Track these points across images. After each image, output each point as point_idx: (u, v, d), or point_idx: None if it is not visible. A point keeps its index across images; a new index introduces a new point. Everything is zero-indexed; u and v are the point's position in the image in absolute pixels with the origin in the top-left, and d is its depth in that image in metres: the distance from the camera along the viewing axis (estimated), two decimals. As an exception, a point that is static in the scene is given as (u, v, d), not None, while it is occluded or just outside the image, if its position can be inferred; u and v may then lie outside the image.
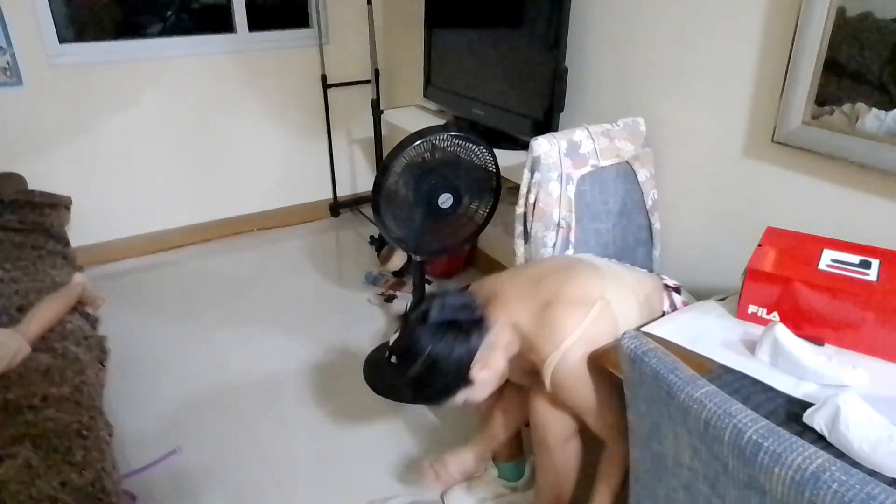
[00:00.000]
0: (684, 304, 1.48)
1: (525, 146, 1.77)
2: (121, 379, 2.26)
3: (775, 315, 1.24)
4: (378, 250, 3.08)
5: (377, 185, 1.90)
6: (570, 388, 1.27)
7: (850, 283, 1.17)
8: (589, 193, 1.76)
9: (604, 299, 1.30)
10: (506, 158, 2.10)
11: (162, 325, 2.65)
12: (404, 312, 1.30)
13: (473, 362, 1.24)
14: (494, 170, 2.00)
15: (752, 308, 1.27)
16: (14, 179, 2.75)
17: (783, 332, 1.13)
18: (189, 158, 3.26)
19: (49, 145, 2.90)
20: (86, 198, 3.01)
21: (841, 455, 0.90)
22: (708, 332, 1.25)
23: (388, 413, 2.14)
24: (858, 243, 1.32)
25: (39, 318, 1.77)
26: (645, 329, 1.27)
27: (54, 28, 2.77)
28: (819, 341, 1.20)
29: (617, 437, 1.30)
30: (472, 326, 1.25)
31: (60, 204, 2.74)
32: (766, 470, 0.76)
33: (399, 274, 2.97)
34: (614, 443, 1.32)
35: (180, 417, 2.12)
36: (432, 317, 1.23)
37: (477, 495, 1.74)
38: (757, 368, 1.13)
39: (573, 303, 1.29)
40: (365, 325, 2.64)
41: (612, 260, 1.62)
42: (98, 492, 1.34)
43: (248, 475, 1.88)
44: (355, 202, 3.82)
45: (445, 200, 1.93)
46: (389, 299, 2.83)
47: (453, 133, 1.92)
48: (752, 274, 1.25)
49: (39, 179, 2.83)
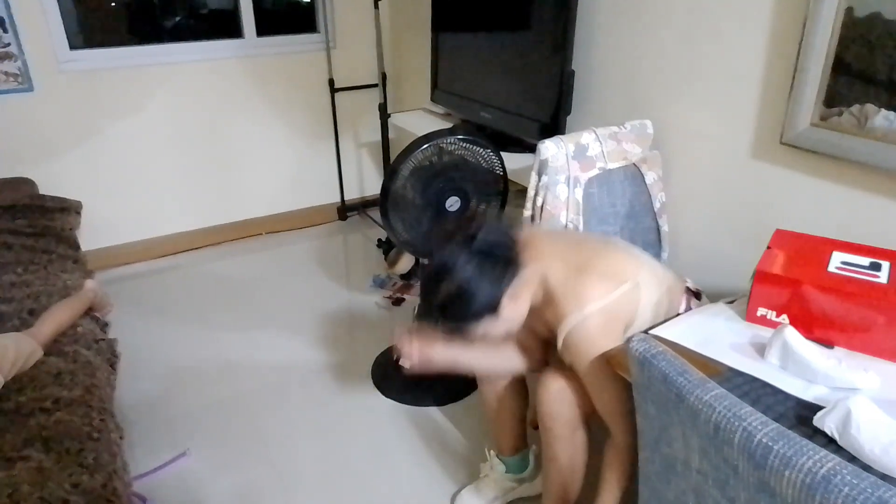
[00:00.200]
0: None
1: (532, 149, 1.77)
2: (131, 382, 2.28)
3: (785, 318, 1.24)
4: (386, 253, 3.09)
5: (385, 189, 1.91)
6: (582, 354, 1.28)
7: (861, 286, 1.16)
8: (596, 196, 1.76)
9: (634, 281, 1.33)
10: (513, 161, 2.10)
11: (171, 329, 2.67)
12: (447, 231, 1.29)
13: (504, 294, 1.26)
14: (502, 173, 2.00)
15: (762, 311, 1.26)
16: (25, 184, 2.78)
17: (793, 335, 1.12)
18: (198, 162, 3.28)
19: (59, 150, 2.93)
20: (96, 202, 3.04)
21: (852, 458, 0.90)
22: (717, 335, 1.25)
23: (396, 416, 2.14)
24: (868, 245, 1.31)
25: (51, 323, 1.79)
26: (654, 332, 1.27)
27: (65, 34, 2.80)
28: (829, 344, 1.19)
29: (619, 422, 1.31)
30: (510, 261, 1.27)
31: (71, 208, 2.76)
32: (777, 473, 0.75)
33: (407, 277, 2.98)
34: (616, 427, 1.32)
35: (190, 420, 2.13)
36: (478, 240, 1.24)
37: (486, 496, 1.74)
38: (767, 371, 1.12)
39: (606, 274, 1.31)
40: (372, 328, 2.65)
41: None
42: (109, 494, 1.35)
43: (258, 477, 1.89)
44: (363, 205, 3.83)
45: (453, 203, 1.93)
46: (397, 302, 2.84)
47: (460, 136, 1.92)
48: (762, 276, 1.24)
49: (50, 184, 2.86)
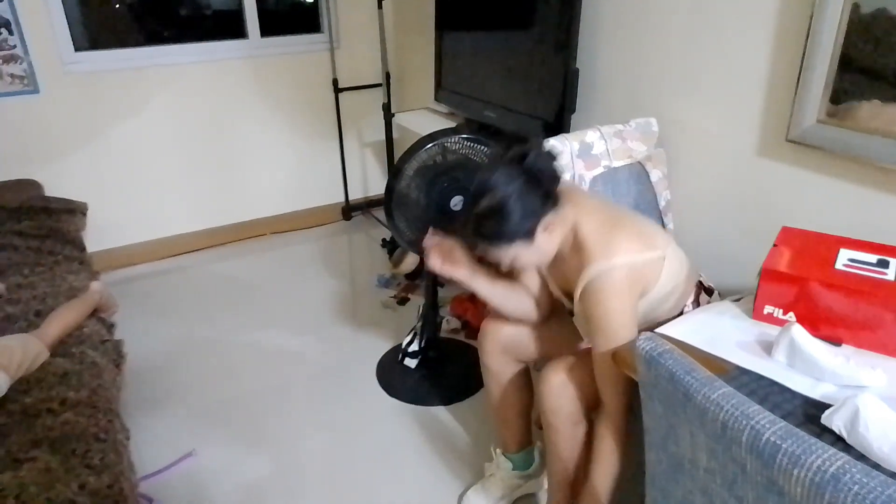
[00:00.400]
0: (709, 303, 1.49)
1: (537, 148, 1.77)
2: (137, 382, 2.28)
3: (792, 315, 1.23)
4: (390, 253, 3.09)
5: (389, 189, 1.91)
6: (598, 304, 1.27)
7: (868, 283, 1.15)
8: (601, 194, 1.76)
9: (662, 252, 1.34)
10: (517, 160, 2.10)
11: (177, 329, 2.67)
12: (500, 150, 1.28)
13: (540, 222, 1.26)
14: (506, 172, 2.00)
15: (768, 308, 1.26)
16: (31, 186, 2.79)
17: (800, 333, 1.12)
18: (202, 163, 3.29)
19: (65, 152, 2.94)
20: (101, 203, 3.05)
21: (861, 457, 0.89)
22: (724, 333, 1.24)
23: (402, 416, 2.14)
24: (876, 242, 1.30)
25: (57, 324, 1.80)
26: (660, 330, 1.26)
27: (70, 36, 2.81)
28: (836, 342, 1.18)
29: (615, 384, 1.29)
30: (550, 192, 1.27)
31: (76, 210, 2.77)
32: (785, 472, 0.75)
33: (411, 277, 2.98)
34: (611, 390, 1.30)
35: (196, 420, 2.13)
36: (527, 161, 1.23)
37: (493, 495, 1.74)
38: (774, 369, 1.12)
39: (639, 235, 1.33)
40: (377, 328, 2.65)
41: None
42: (115, 494, 1.35)
43: (264, 477, 1.89)
44: (367, 205, 3.83)
45: (457, 202, 1.93)
46: (402, 302, 2.84)
47: (465, 136, 1.92)
48: (768, 274, 1.23)
49: (55, 186, 2.87)
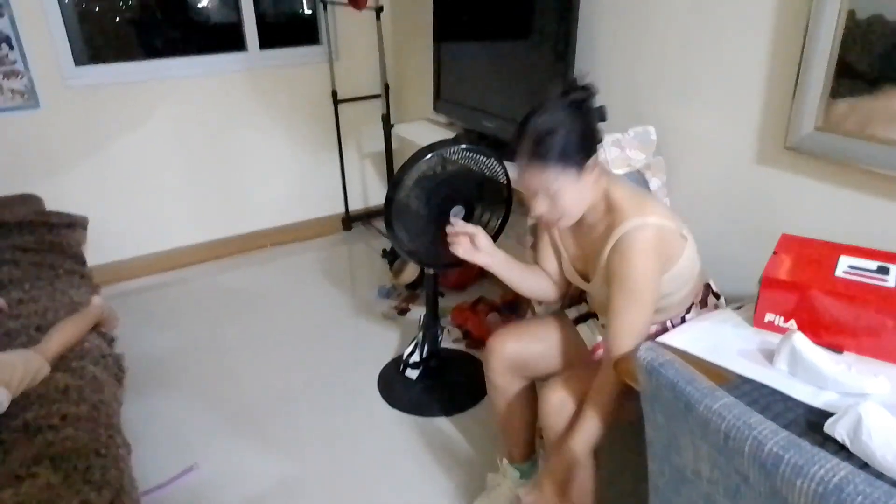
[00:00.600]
0: (715, 308, 1.50)
1: (535, 157, 1.77)
2: (138, 396, 2.28)
3: (793, 323, 1.23)
4: (391, 263, 3.09)
5: (389, 200, 1.91)
6: (628, 261, 1.28)
7: (869, 290, 1.15)
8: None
9: (686, 235, 1.38)
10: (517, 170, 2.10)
11: (177, 342, 2.67)
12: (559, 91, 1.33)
13: (589, 160, 1.30)
14: (506, 181, 2.00)
15: (769, 316, 1.26)
16: (31, 200, 2.79)
17: (801, 341, 1.11)
18: (202, 176, 3.29)
19: (65, 166, 2.95)
20: (102, 217, 3.05)
21: (864, 466, 0.89)
22: (725, 342, 1.24)
23: (404, 427, 2.13)
24: (876, 249, 1.30)
25: (58, 339, 1.79)
26: (661, 339, 1.26)
27: (70, 51, 2.83)
28: (838, 349, 1.18)
29: (622, 347, 1.30)
30: (598, 137, 1.32)
31: (77, 224, 2.77)
32: (788, 482, 0.75)
33: (412, 287, 2.97)
34: (613, 354, 1.31)
35: (197, 434, 2.13)
36: (588, 104, 1.29)
37: (498, 503, 1.74)
38: (776, 378, 1.11)
39: (667, 210, 1.35)
40: (379, 339, 2.65)
41: None
42: (117, 510, 1.35)
43: (266, 490, 1.88)
44: (367, 216, 3.83)
45: (457, 213, 1.93)
46: (403, 312, 2.84)
47: (464, 146, 1.92)
48: (768, 282, 1.23)
49: (56, 200, 2.87)
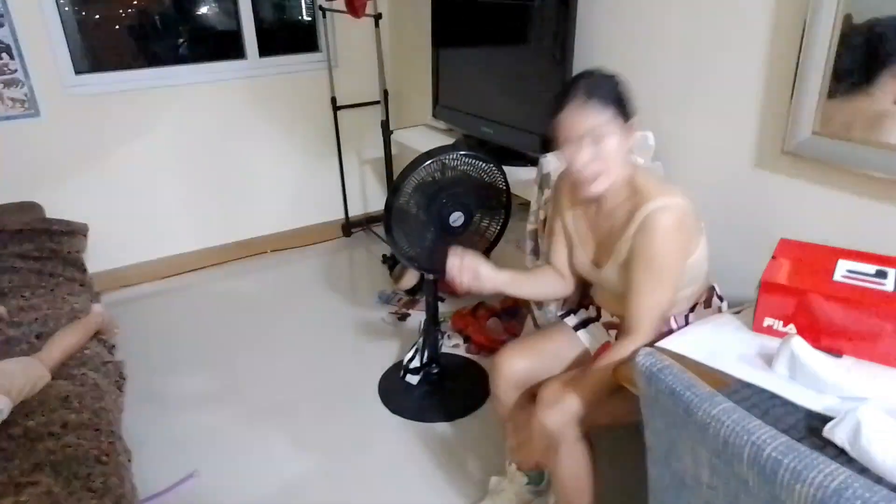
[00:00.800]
0: (718, 311, 1.52)
1: (534, 163, 1.78)
2: (138, 403, 2.27)
3: (792, 327, 1.23)
4: (391, 269, 3.09)
5: (388, 206, 1.91)
6: (655, 239, 1.30)
7: (867, 294, 1.16)
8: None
9: (703, 229, 1.41)
10: (516, 175, 2.11)
11: (178, 349, 2.67)
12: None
13: (632, 119, 1.33)
14: (504, 187, 2.01)
15: (768, 321, 1.26)
16: (32, 208, 2.80)
17: (800, 345, 1.12)
18: (203, 183, 3.30)
19: (66, 174, 2.95)
20: (102, 224, 3.05)
21: (864, 470, 0.89)
22: (724, 347, 1.24)
23: (405, 432, 2.13)
24: (874, 253, 1.30)
25: (59, 346, 1.79)
26: (660, 344, 1.26)
27: (70, 59, 2.84)
28: (837, 353, 1.18)
29: (653, 321, 1.34)
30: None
31: (77, 231, 2.78)
32: (787, 487, 0.75)
33: (412, 292, 2.98)
34: (647, 325, 1.35)
35: (198, 441, 2.12)
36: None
37: None
38: (775, 382, 1.11)
39: (689, 202, 1.36)
40: (379, 344, 2.65)
41: None
42: (118, 518, 1.35)
43: (266, 498, 1.88)
44: (367, 222, 3.84)
45: (456, 218, 1.94)
46: (403, 318, 2.84)
47: (463, 152, 1.93)
48: (767, 287, 1.24)
49: (57, 207, 2.88)
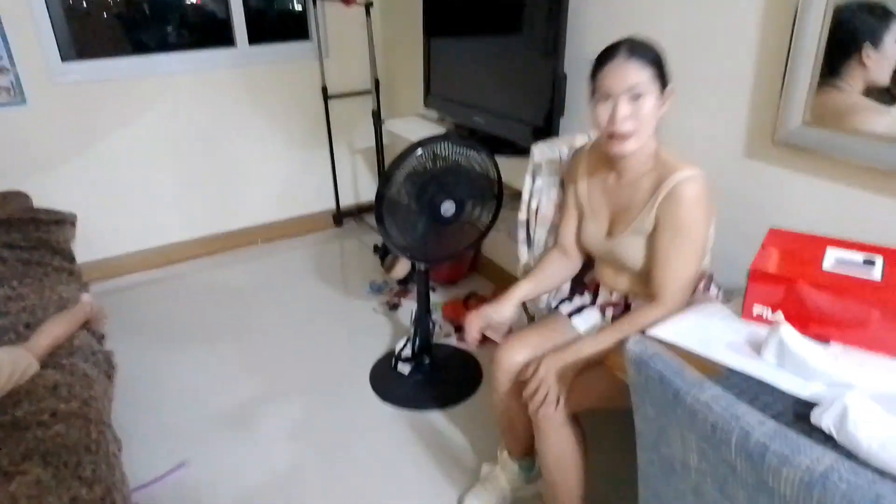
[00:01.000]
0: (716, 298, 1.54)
1: (526, 152, 1.78)
2: (128, 393, 2.27)
3: (780, 315, 1.24)
4: (382, 259, 3.09)
5: (379, 195, 1.91)
6: (683, 208, 1.34)
7: (855, 282, 1.17)
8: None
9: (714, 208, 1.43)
10: (507, 165, 2.10)
11: (168, 339, 2.66)
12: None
13: (668, 87, 1.38)
14: (496, 176, 2.01)
15: (758, 309, 1.27)
16: (19, 197, 2.77)
17: (789, 333, 1.13)
18: (192, 172, 3.28)
19: (53, 163, 2.92)
20: (90, 214, 3.03)
21: (850, 455, 0.90)
22: (713, 334, 1.25)
23: (396, 421, 2.14)
24: (862, 242, 1.31)
25: (48, 336, 1.78)
26: (650, 332, 1.27)
27: (56, 47, 2.80)
28: (825, 340, 1.19)
29: (682, 288, 1.38)
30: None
31: (65, 221, 2.76)
32: (774, 472, 0.75)
33: (403, 282, 2.98)
34: (676, 292, 1.38)
35: (188, 430, 2.12)
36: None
37: (497, 495, 1.75)
38: (763, 369, 1.12)
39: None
40: (370, 334, 2.65)
41: None
42: (108, 507, 1.34)
43: (257, 487, 1.88)
44: (358, 211, 3.83)
45: (448, 208, 1.94)
46: (394, 307, 2.84)
47: (454, 141, 1.93)
48: (756, 275, 1.24)
49: (44, 197, 2.85)
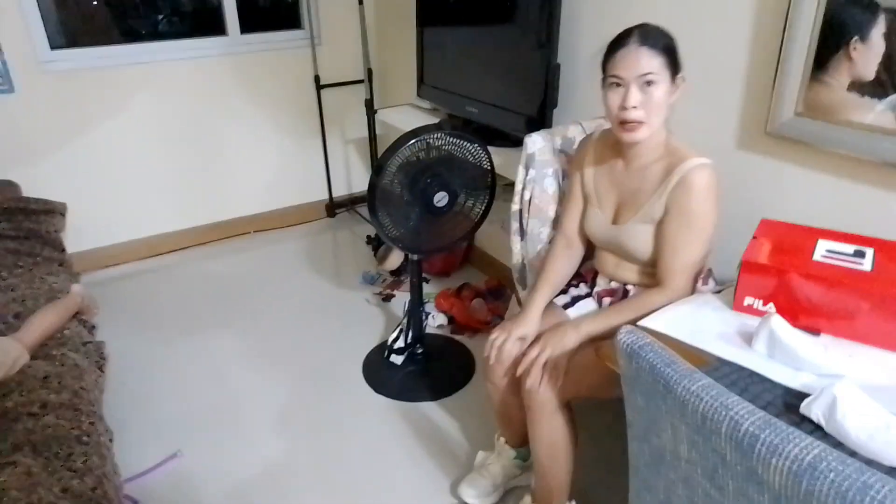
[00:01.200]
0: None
1: (519, 143, 1.77)
2: (120, 383, 2.26)
3: (771, 306, 1.25)
4: (375, 250, 3.09)
5: (372, 186, 1.90)
6: (693, 195, 1.36)
7: (845, 273, 1.17)
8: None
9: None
10: (500, 155, 2.10)
11: (160, 329, 2.65)
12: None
13: (679, 76, 1.38)
14: (489, 167, 2.01)
15: (749, 300, 1.27)
16: (8, 187, 2.75)
17: (779, 324, 1.13)
18: (184, 162, 3.25)
19: (42, 152, 2.90)
20: (81, 203, 3.01)
21: (838, 444, 0.91)
22: (705, 325, 1.25)
23: (389, 412, 2.14)
24: (852, 233, 1.32)
25: (38, 327, 1.77)
26: (642, 323, 1.27)
27: (45, 34, 2.77)
28: (815, 331, 1.20)
29: (688, 274, 1.40)
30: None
31: (55, 210, 2.73)
32: (764, 461, 0.76)
33: (396, 273, 2.98)
34: (683, 277, 1.40)
35: (180, 421, 2.12)
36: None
37: (492, 482, 1.76)
38: (754, 360, 1.13)
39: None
40: (363, 325, 2.65)
41: None
42: (100, 497, 1.34)
43: (249, 478, 1.89)
44: (351, 202, 3.82)
45: (441, 199, 1.93)
46: (387, 298, 2.83)
47: (447, 131, 1.92)
48: (748, 266, 1.25)
49: (34, 186, 2.83)
